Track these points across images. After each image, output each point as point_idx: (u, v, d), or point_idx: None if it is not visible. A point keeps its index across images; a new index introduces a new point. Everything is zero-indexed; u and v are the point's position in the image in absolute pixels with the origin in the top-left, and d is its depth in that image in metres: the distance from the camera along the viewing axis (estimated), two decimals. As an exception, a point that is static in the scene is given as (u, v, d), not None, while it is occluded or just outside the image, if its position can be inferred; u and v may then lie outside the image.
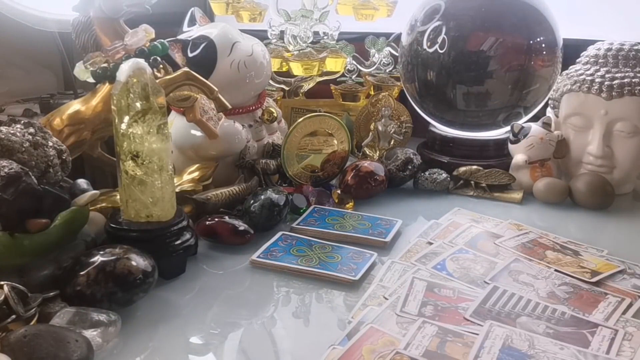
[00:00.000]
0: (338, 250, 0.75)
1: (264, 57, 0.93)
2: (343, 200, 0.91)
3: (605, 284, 0.68)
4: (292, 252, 0.74)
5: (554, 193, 0.93)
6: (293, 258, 0.72)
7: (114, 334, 0.56)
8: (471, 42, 0.97)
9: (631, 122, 0.92)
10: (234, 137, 0.88)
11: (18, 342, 0.48)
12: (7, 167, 0.58)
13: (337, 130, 0.95)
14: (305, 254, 0.73)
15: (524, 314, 0.61)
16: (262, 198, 0.80)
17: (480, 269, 0.70)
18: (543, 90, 1.01)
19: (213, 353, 0.57)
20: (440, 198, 0.96)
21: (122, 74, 0.63)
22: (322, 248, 0.75)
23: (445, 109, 1.04)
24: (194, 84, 0.78)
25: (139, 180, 0.65)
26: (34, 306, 0.54)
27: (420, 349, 0.55)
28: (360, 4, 1.15)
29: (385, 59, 1.17)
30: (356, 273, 0.69)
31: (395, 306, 0.62)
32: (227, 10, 1.17)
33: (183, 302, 0.65)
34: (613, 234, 0.85)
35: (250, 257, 0.73)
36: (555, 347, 0.56)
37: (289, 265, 0.71)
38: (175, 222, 0.68)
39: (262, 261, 0.72)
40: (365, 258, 0.73)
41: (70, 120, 0.79)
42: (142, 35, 0.76)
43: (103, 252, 0.60)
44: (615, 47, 0.95)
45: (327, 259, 0.72)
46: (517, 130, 0.98)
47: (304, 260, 0.72)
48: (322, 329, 0.62)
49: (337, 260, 0.72)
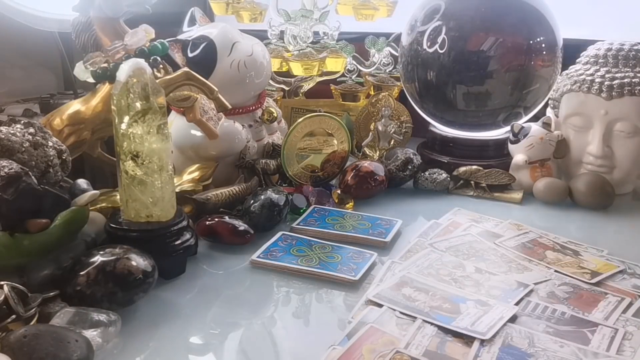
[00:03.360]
0: (338, 250, 0.75)
1: (264, 57, 0.93)
2: (343, 200, 0.91)
3: (605, 283, 0.68)
4: (292, 252, 0.74)
5: (554, 193, 0.93)
6: (293, 258, 0.72)
7: (114, 334, 0.56)
8: (471, 42, 0.97)
9: (631, 122, 0.92)
10: (234, 137, 0.88)
11: (18, 342, 0.48)
12: (7, 167, 0.58)
13: (337, 130, 0.95)
14: (305, 254, 0.73)
15: (524, 314, 0.61)
16: (262, 198, 0.80)
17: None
18: (543, 90, 1.01)
19: (213, 353, 0.57)
20: (440, 198, 0.96)
21: (122, 74, 0.63)
22: (322, 248, 0.75)
23: (445, 109, 1.04)
24: (194, 84, 0.78)
25: (139, 180, 0.65)
26: (34, 306, 0.54)
27: (420, 348, 0.55)
28: (360, 4, 1.15)
29: (385, 59, 1.17)
30: (356, 273, 0.69)
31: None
32: (227, 10, 1.17)
33: (183, 302, 0.65)
34: (613, 234, 0.85)
35: (250, 257, 0.73)
36: (555, 344, 0.56)
37: (289, 265, 0.71)
38: (175, 222, 0.68)
39: (262, 261, 0.72)
40: (365, 258, 0.73)
41: (70, 120, 0.79)
42: (142, 35, 0.76)
43: (103, 252, 0.60)
44: (615, 47, 0.95)
45: (327, 259, 0.72)
46: (517, 130, 0.98)
47: (304, 260, 0.72)
48: (322, 329, 0.62)
49: (337, 260, 0.72)
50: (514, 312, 0.60)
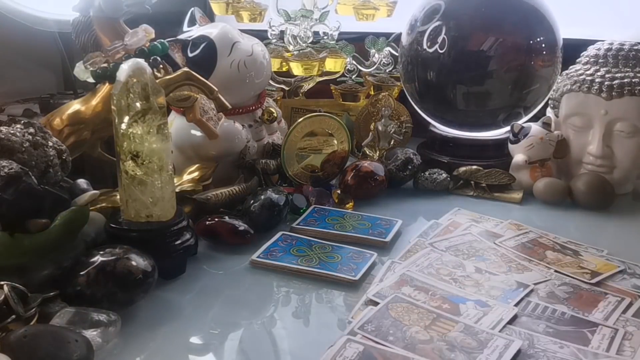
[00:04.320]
0: (338, 250, 0.75)
1: (264, 57, 0.93)
2: (343, 200, 0.90)
3: (605, 283, 0.68)
4: (292, 252, 0.74)
5: (554, 193, 0.93)
6: (293, 258, 0.72)
7: (114, 334, 0.56)
8: (471, 42, 0.97)
9: (631, 122, 0.92)
10: (234, 137, 0.88)
11: (18, 342, 0.48)
12: (7, 167, 0.58)
13: (337, 130, 0.95)
14: (305, 254, 0.73)
15: (524, 314, 0.61)
16: (262, 198, 0.80)
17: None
18: (543, 90, 1.01)
19: (213, 353, 0.57)
20: (440, 198, 0.96)
21: (122, 74, 0.63)
22: (322, 248, 0.75)
23: (445, 109, 1.04)
24: (194, 84, 0.77)
25: (139, 180, 0.65)
26: (34, 306, 0.54)
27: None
28: (361, 4, 1.15)
29: (385, 59, 1.17)
30: (356, 273, 0.69)
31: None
32: (227, 10, 1.17)
33: (183, 302, 0.65)
34: (613, 234, 0.85)
35: (250, 257, 0.73)
36: (555, 345, 0.56)
37: (289, 265, 0.71)
38: (175, 222, 0.68)
39: (262, 261, 0.72)
40: (365, 258, 0.73)
41: (70, 120, 0.79)
42: (142, 35, 0.76)
43: (103, 252, 0.60)
44: (615, 47, 0.95)
45: (327, 259, 0.72)
46: (517, 130, 0.98)
47: (304, 260, 0.72)
48: (322, 329, 0.62)
49: (337, 260, 0.72)
50: (514, 313, 0.60)
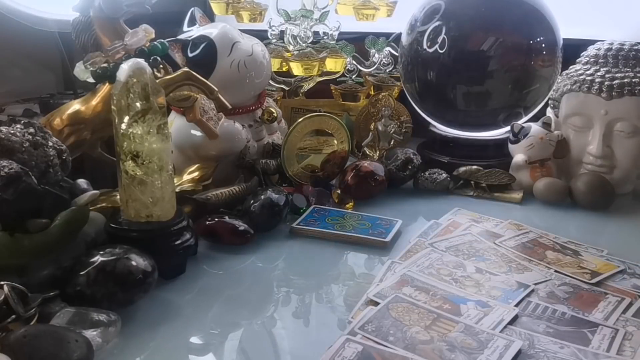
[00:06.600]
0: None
1: (264, 57, 0.93)
2: (343, 200, 0.90)
3: (605, 283, 0.68)
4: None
5: (554, 193, 0.93)
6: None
7: (114, 334, 0.56)
8: (471, 42, 0.97)
9: (631, 122, 0.92)
10: (234, 137, 0.88)
11: (18, 342, 0.48)
12: (7, 167, 0.58)
13: (337, 130, 0.95)
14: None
15: (524, 315, 0.61)
16: (262, 198, 0.80)
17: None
18: (543, 90, 1.01)
19: (213, 353, 0.57)
20: (440, 198, 0.96)
21: (122, 74, 0.63)
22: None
23: (445, 109, 1.04)
24: (194, 84, 0.77)
25: (139, 180, 0.65)
26: (34, 306, 0.54)
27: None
28: (360, 4, 1.15)
29: (385, 59, 1.17)
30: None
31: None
32: (227, 10, 1.17)
33: (183, 302, 0.65)
34: (613, 234, 0.85)
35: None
36: (556, 346, 0.56)
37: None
38: (175, 222, 0.68)
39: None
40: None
41: (70, 120, 0.79)
42: (142, 35, 0.76)
43: (103, 252, 0.60)
44: (615, 47, 0.95)
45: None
46: (517, 130, 0.98)
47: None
48: (322, 329, 0.62)
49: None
50: (515, 314, 0.60)
